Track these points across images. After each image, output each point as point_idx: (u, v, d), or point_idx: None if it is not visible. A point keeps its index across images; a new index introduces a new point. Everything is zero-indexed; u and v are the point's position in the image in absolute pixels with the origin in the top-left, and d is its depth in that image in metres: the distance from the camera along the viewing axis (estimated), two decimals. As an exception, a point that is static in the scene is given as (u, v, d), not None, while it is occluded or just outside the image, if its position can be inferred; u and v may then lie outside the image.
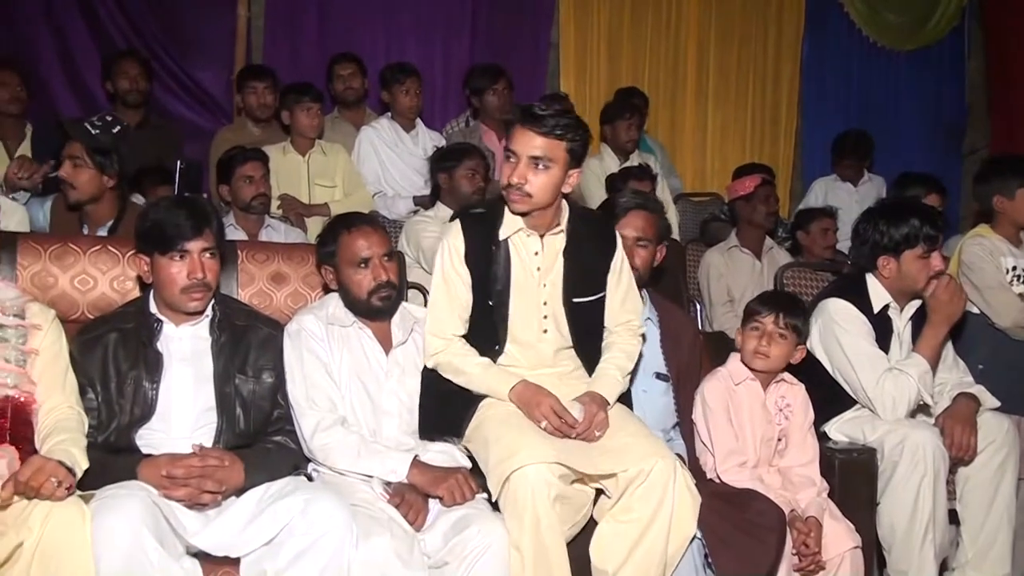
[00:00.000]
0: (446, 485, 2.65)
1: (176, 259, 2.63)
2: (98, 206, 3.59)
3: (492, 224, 2.75)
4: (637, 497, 2.56)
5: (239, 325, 2.78)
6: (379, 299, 2.84)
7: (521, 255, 2.76)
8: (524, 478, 2.47)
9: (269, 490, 2.50)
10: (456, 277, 2.76)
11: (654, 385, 3.12)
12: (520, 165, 2.64)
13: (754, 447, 3.05)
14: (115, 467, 2.48)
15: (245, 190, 4.30)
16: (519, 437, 2.58)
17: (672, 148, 6.70)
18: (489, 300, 2.75)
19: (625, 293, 2.88)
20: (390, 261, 2.88)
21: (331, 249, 2.90)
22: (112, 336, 2.67)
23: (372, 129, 5.26)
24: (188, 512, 2.45)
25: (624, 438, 2.65)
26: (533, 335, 2.78)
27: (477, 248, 2.75)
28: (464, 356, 2.77)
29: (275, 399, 2.77)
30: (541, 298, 2.77)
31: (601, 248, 2.84)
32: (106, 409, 2.61)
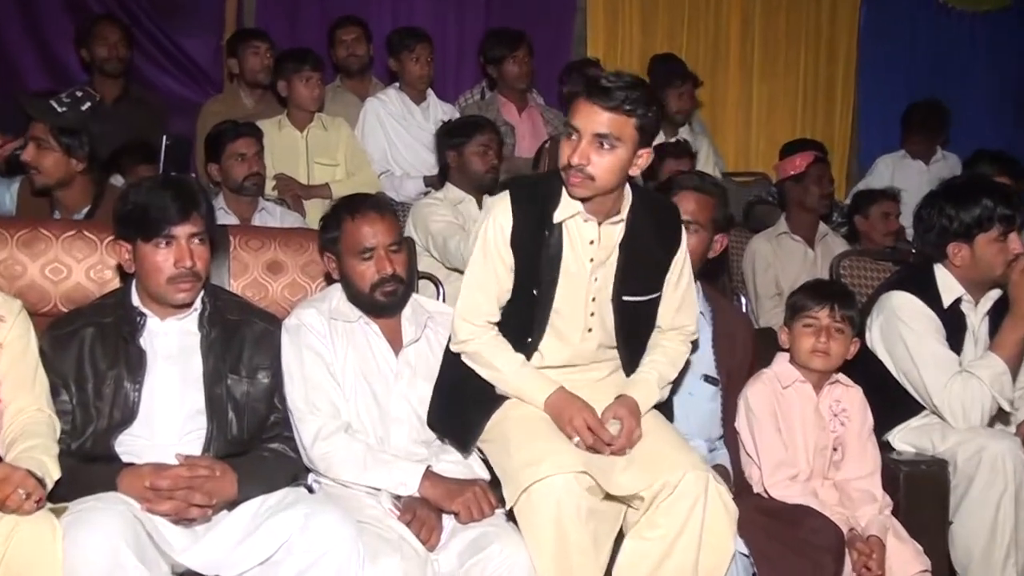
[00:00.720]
0: (462, 499, 2.64)
1: (161, 246, 2.61)
2: (68, 192, 3.59)
3: (546, 203, 2.69)
4: (663, 511, 2.54)
5: (231, 319, 2.76)
6: (382, 294, 2.83)
7: (574, 242, 2.71)
8: (549, 489, 2.45)
9: (265, 503, 2.48)
10: (498, 259, 2.71)
11: (701, 388, 3.10)
12: (582, 143, 2.57)
13: (806, 458, 3.03)
14: (91, 477, 2.46)
15: (237, 169, 4.29)
16: (545, 443, 2.56)
17: (713, 123, 6.67)
18: (534, 290, 2.71)
19: (683, 297, 2.85)
20: (397, 252, 2.86)
21: (334, 235, 2.88)
22: (89, 331, 2.66)
23: (378, 101, 5.24)
24: (174, 528, 2.44)
25: (651, 447, 2.63)
26: (576, 332, 2.76)
27: (527, 229, 2.69)
28: (499, 349, 2.74)
29: (271, 402, 2.75)
30: (590, 293, 2.74)
31: (663, 242, 2.80)
32: (81, 412, 2.60)
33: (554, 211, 2.68)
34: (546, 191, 2.71)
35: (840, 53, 7.01)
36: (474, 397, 2.76)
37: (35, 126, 3.53)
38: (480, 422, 2.73)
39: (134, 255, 2.66)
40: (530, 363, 2.76)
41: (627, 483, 2.55)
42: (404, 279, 2.88)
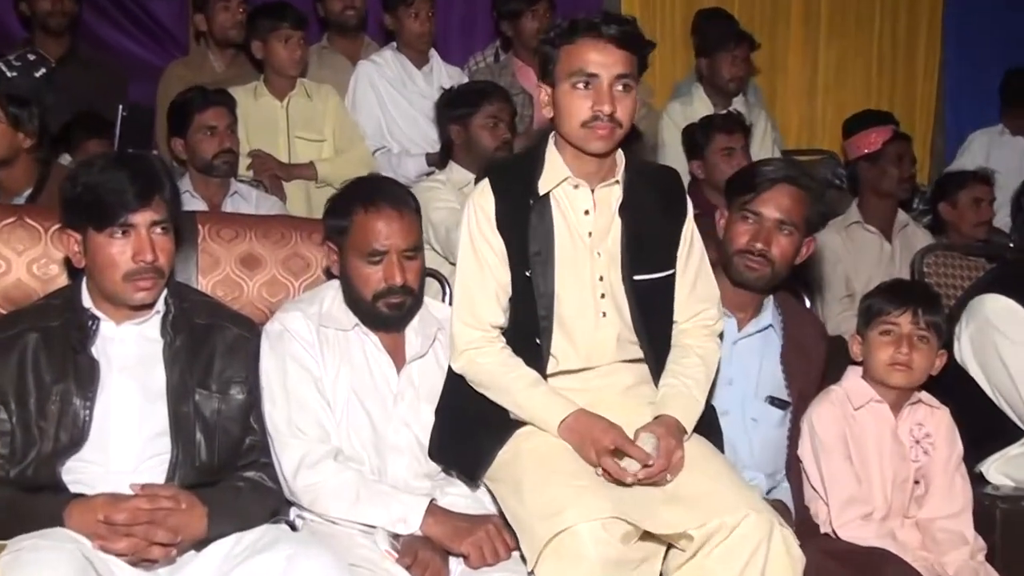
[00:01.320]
0: (472, 539, 2.64)
1: (117, 236, 2.62)
2: (11, 170, 3.62)
3: (529, 174, 2.78)
4: (717, 558, 2.53)
5: (200, 324, 2.77)
6: (387, 306, 2.85)
7: (567, 215, 2.77)
8: (576, 542, 2.44)
9: (240, 542, 2.49)
10: (487, 247, 2.77)
11: (767, 413, 3.11)
12: (604, 87, 2.67)
13: (883, 492, 3.03)
14: (34, 510, 2.47)
15: (205, 145, 4.32)
16: (564, 487, 2.56)
17: (771, 92, 6.67)
18: (526, 271, 2.75)
19: (696, 274, 2.88)
20: (412, 260, 2.87)
21: (342, 224, 2.89)
22: (31, 337, 2.66)
23: (372, 64, 5.26)
24: (131, 570, 2.44)
25: (702, 483, 2.63)
26: (588, 320, 2.78)
27: (512, 207, 2.76)
28: (503, 365, 2.77)
29: (246, 422, 2.76)
30: (596, 271, 2.78)
31: (668, 209, 2.86)
32: (22, 433, 2.60)
33: (539, 181, 2.76)
34: (527, 163, 2.82)
35: (923, 9, 7.01)
36: (483, 419, 2.78)
37: None
38: (491, 449, 2.74)
39: (84, 247, 2.66)
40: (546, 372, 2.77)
41: (673, 519, 2.54)
42: (415, 292, 2.89)
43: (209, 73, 5.18)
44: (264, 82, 4.97)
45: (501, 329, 2.81)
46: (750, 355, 3.14)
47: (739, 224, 3.09)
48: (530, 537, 2.51)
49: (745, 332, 3.14)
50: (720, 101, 5.52)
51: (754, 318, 3.16)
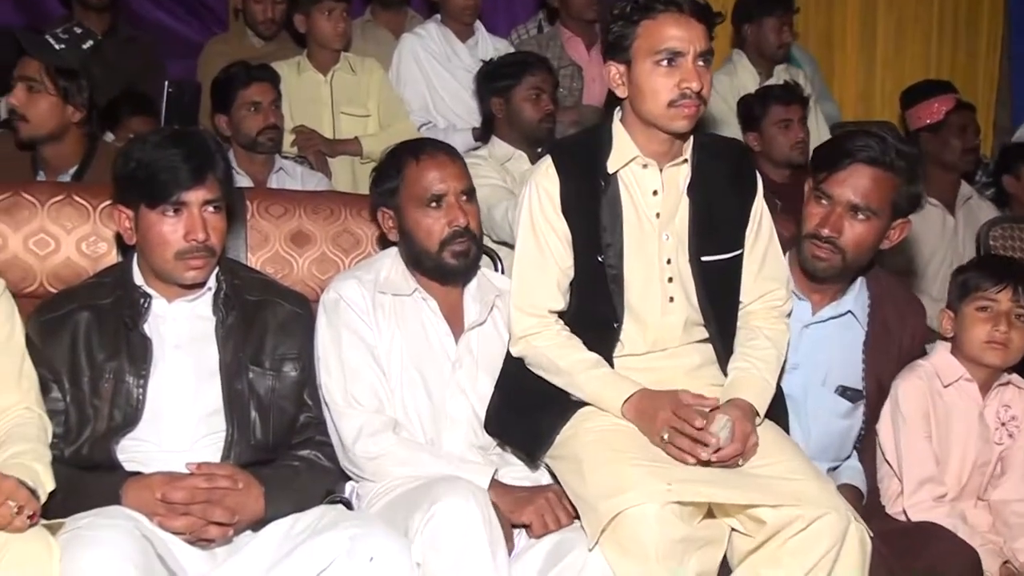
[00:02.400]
0: (533, 508, 2.67)
1: (169, 214, 2.65)
2: (59, 146, 3.64)
3: (595, 153, 2.76)
4: (790, 550, 2.53)
5: (251, 300, 2.81)
6: (453, 253, 2.87)
7: (635, 196, 2.76)
8: (638, 521, 2.46)
9: (298, 523, 2.51)
10: (550, 231, 2.77)
11: (833, 403, 3.08)
12: (690, 64, 2.66)
13: (959, 474, 3.03)
14: (91, 488, 2.52)
15: (249, 121, 4.36)
16: (627, 464, 2.57)
17: (827, 61, 6.62)
18: (598, 256, 2.75)
19: (764, 254, 2.87)
20: (470, 203, 2.90)
21: (392, 185, 2.92)
22: (84, 315, 2.71)
23: (415, 37, 5.26)
24: (189, 549, 2.48)
25: (778, 467, 2.63)
26: (655, 305, 2.78)
27: (578, 188, 2.75)
28: (563, 347, 2.78)
29: (301, 399, 2.80)
30: (663, 254, 2.77)
31: (737, 187, 2.84)
32: (77, 412, 2.66)
33: (606, 160, 2.75)
34: (593, 142, 2.80)
35: (986, -29, 6.92)
36: (544, 398, 2.79)
37: (26, 65, 3.58)
38: (552, 429, 2.75)
39: (136, 224, 2.70)
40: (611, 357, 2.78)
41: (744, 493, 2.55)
42: (477, 236, 2.92)
43: (249, 49, 5.21)
44: (308, 57, 4.99)
45: (559, 314, 2.82)
46: (822, 342, 3.07)
47: (812, 205, 2.98)
48: (592, 516, 2.53)
49: (819, 317, 3.07)
50: (764, 69, 5.47)
51: (832, 303, 3.08)
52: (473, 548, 2.44)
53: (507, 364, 2.88)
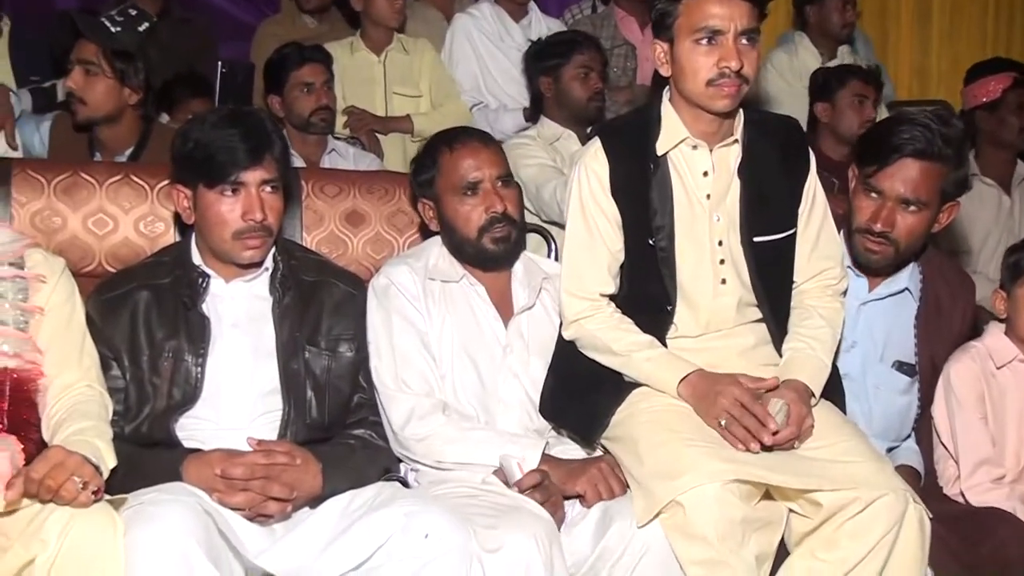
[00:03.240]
0: (586, 478, 2.69)
1: (227, 194, 2.68)
2: (115, 127, 3.68)
3: (645, 135, 2.76)
4: (847, 532, 2.53)
5: (308, 281, 2.84)
6: (493, 239, 2.88)
7: (684, 178, 2.76)
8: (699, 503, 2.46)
9: (355, 500, 2.54)
10: (599, 214, 2.77)
11: (892, 379, 3.08)
12: (729, 43, 2.63)
13: (1017, 455, 3.01)
14: (151, 465, 2.56)
15: (302, 102, 4.38)
16: (684, 445, 2.57)
17: (881, 38, 6.57)
18: (649, 239, 2.75)
19: (818, 232, 2.85)
20: (507, 187, 2.91)
21: (430, 175, 2.94)
22: (143, 295, 2.75)
23: (469, 18, 5.26)
24: (248, 525, 2.52)
25: (835, 449, 2.62)
26: (707, 287, 2.77)
27: (627, 171, 2.75)
28: (616, 329, 2.78)
29: (356, 380, 2.83)
30: (715, 236, 2.76)
31: (789, 166, 2.82)
32: (136, 390, 2.70)
33: (656, 142, 2.74)
34: (641, 123, 2.78)
35: (1044, -52, 6.83)
36: (597, 380, 2.79)
37: (83, 48, 3.62)
38: (607, 411, 2.76)
39: (194, 203, 2.73)
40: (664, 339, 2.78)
41: (803, 476, 2.54)
42: (517, 221, 2.92)
43: (302, 30, 5.23)
44: (361, 37, 5.00)
45: (611, 297, 2.82)
46: (879, 318, 3.07)
47: (862, 198, 2.97)
48: (647, 497, 2.54)
49: (876, 295, 3.07)
50: (827, 49, 5.42)
51: (888, 279, 3.08)
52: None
53: (559, 347, 2.89)
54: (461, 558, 2.39)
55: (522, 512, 2.57)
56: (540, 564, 2.46)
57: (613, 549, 2.56)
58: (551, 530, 2.55)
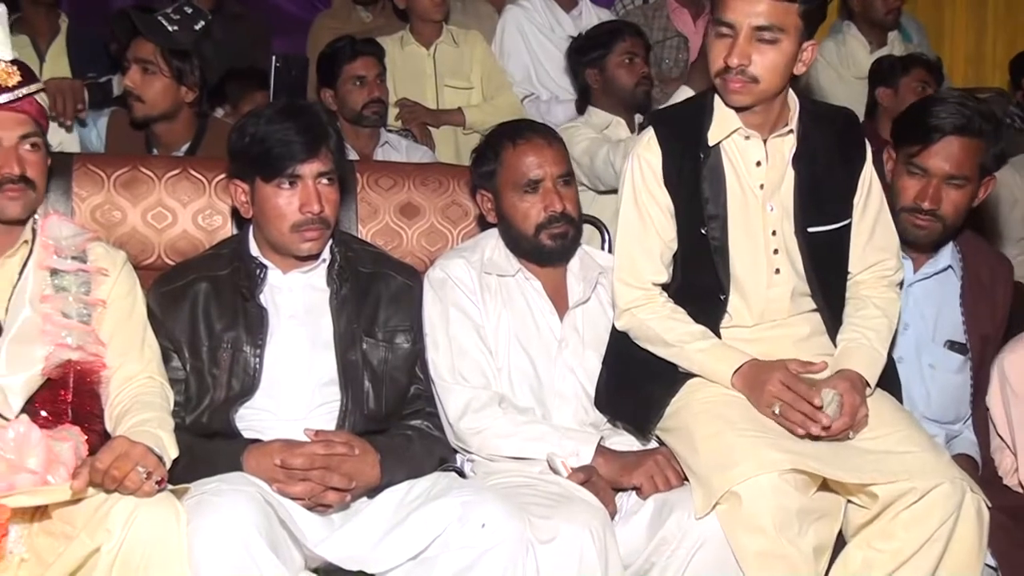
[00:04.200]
0: (642, 470, 2.70)
1: (284, 187, 2.71)
2: (171, 124, 3.71)
3: (697, 125, 2.75)
4: (903, 522, 2.52)
5: (364, 273, 2.86)
6: (550, 236, 2.89)
7: (738, 167, 2.75)
8: (755, 494, 2.46)
9: (412, 490, 2.57)
10: (652, 203, 2.77)
11: (946, 359, 3.08)
12: (740, 40, 2.61)
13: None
14: (212, 455, 2.59)
15: (355, 95, 4.41)
16: (739, 436, 2.57)
17: (935, 24, 6.52)
18: (702, 229, 2.74)
19: (874, 223, 2.84)
20: (567, 187, 2.92)
21: (490, 168, 2.95)
22: (202, 287, 2.78)
23: (519, 9, 5.26)
24: (308, 515, 2.54)
25: (891, 439, 2.61)
26: (761, 277, 2.76)
27: (679, 160, 2.75)
28: (668, 319, 2.78)
29: (412, 371, 2.85)
30: (768, 226, 2.76)
31: (844, 156, 2.81)
32: (196, 381, 2.73)
33: (707, 132, 2.73)
34: (694, 113, 2.78)
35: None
36: (652, 372, 2.80)
37: (140, 46, 3.65)
38: (661, 402, 2.77)
39: (252, 197, 2.76)
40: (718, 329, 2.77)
41: (858, 468, 2.53)
42: (575, 219, 2.93)
43: (357, 23, 5.26)
44: (411, 31, 5.02)
45: (664, 287, 2.82)
46: (927, 298, 3.09)
47: (905, 178, 3.01)
48: (704, 488, 2.54)
49: (922, 274, 3.10)
50: (875, 38, 5.38)
51: (931, 259, 3.10)
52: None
53: (613, 340, 2.90)
54: (517, 548, 2.41)
55: (577, 503, 2.58)
56: (594, 555, 2.47)
57: (670, 540, 2.57)
58: (605, 521, 2.56)
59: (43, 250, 2.62)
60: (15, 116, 2.54)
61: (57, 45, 4.83)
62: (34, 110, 2.59)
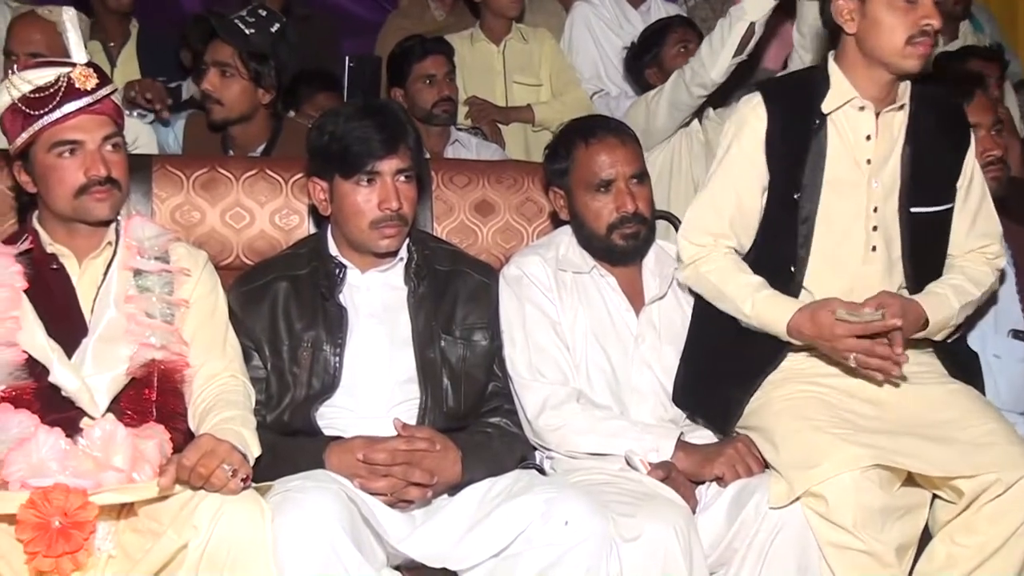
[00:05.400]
0: (723, 459, 2.69)
1: (363, 184, 2.72)
2: (248, 126, 3.75)
3: (810, 93, 2.74)
4: (987, 516, 2.50)
5: (442, 271, 2.87)
6: (622, 236, 2.88)
7: (846, 140, 2.73)
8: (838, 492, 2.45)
9: (494, 487, 2.57)
10: (746, 168, 2.77)
11: (1011, 348, 3.06)
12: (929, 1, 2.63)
13: None
14: (294, 453, 2.61)
15: (424, 94, 4.41)
16: (819, 434, 2.55)
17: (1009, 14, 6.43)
18: (795, 194, 2.72)
19: (977, 208, 2.83)
20: (640, 185, 2.90)
21: (563, 166, 2.94)
22: (281, 286, 2.80)
23: (588, 6, 5.24)
24: (390, 512, 2.55)
25: (976, 431, 2.58)
26: (856, 252, 2.74)
27: (785, 127, 2.74)
28: (727, 271, 2.77)
29: (490, 368, 2.85)
30: (870, 202, 2.73)
31: (952, 140, 2.80)
32: (277, 380, 2.75)
33: (821, 101, 2.71)
34: (807, 82, 2.77)
35: None
36: (732, 368, 2.79)
37: (218, 50, 3.70)
38: (741, 399, 2.76)
39: (331, 195, 2.78)
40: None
41: (942, 461, 2.51)
42: (648, 219, 2.91)
43: (430, 22, 5.28)
44: (480, 28, 5.03)
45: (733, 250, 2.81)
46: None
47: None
48: (784, 485, 2.53)
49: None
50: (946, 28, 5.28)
51: None
52: None
53: (691, 335, 2.89)
54: (601, 545, 2.40)
55: (660, 500, 2.57)
56: (679, 553, 2.46)
57: (750, 524, 2.56)
58: (689, 518, 2.55)
59: (127, 251, 2.64)
60: (97, 118, 2.56)
61: (128, 50, 4.90)
62: (113, 111, 2.62)
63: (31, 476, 2.26)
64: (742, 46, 3.85)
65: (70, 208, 2.56)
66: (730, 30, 3.83)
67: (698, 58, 3.96)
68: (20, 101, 2.53)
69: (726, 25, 3.86)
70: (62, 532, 2.19)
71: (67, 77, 2.53)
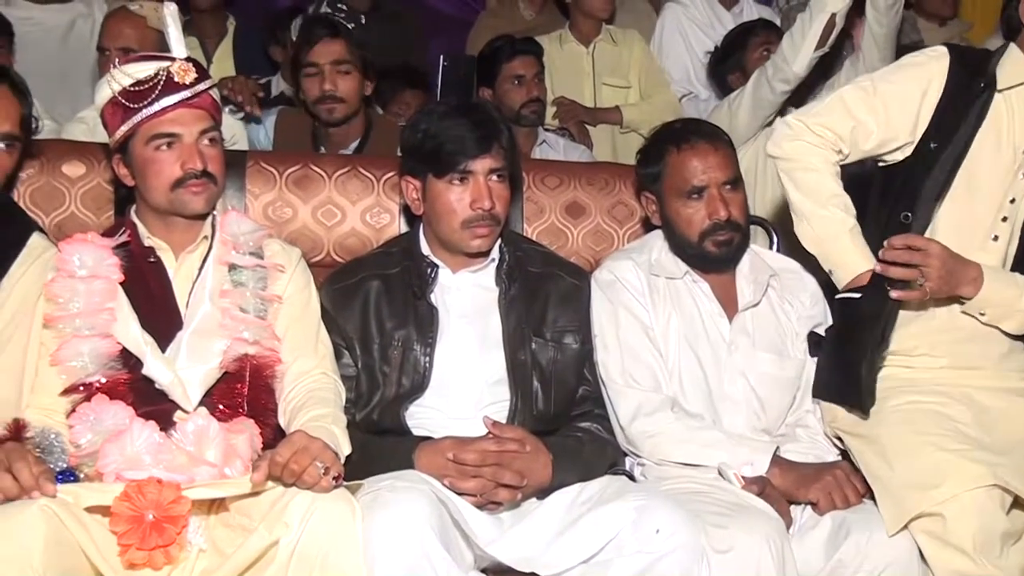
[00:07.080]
0: (820, 485, 2.63)
1: (456, 183, 2.72)
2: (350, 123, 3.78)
3: (989, 65, 2.67)
4: None
5: (534, 272, 2.85)
6: (714, 244, 2.84)
7: (1009, 121, 2.66)
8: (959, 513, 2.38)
9: (583, 492, 2.54)
10: (896, 108, 2.70)
11: None
12: None
13: None
14: (384, 452, 2.61)
15: (513, 94, 4.42)
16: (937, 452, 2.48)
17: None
18: (933, 143, 2.66)
19: None
20: (733, 192, 2.86)
21: (654, 171, 2.91)
22: (373, 284, 2.81)
23: (679, 6, 5.24)
24: (478, 514, 2.54)
25: None
26: (975, 236, 2.67)
27: (956, 87, 2.67)
28: (827, 175, 2.73)
29: (581, 372, 2.83)
30: (1011, 191, 2.66)
31: None
32: (367, 378, 2.76)
33: (998, 72, 2.65)
34: (989, 54, 2.71)
35: None
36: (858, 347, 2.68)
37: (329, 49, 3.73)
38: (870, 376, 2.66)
39: (423, 194, 2.78)
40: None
41: None
42: (742, 226, 2.87)
43: (519, 22, 5.28)
44: (570, 28, 5.03)
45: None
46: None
47: None
48: (897, 505, 2.47)
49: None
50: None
51: None
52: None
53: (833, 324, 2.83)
54: (692, 555, 2.37)
55: (754, 512, 2.53)
56: (772, 567, 2.42)
57: (848, 564, 2.50)
58: (783, 532, 2.51)
59: (222, 246, 2.66)
60: (194, 112, 2.58)
61: (224, 47, 4.98)
62: (210, 105, 2.64)
63: (126, 468, 2.29)
64: (823, 39, 3.81)
65: (166, 201, 2.59)
66: (811, 23, 3.79)
67: (780, 53, 3.94)
68: (120, 95, 2.56)
69: (807, 18, 3.82)
70: (155, 525, 2.21)
71: (166, 71, 2.56)
